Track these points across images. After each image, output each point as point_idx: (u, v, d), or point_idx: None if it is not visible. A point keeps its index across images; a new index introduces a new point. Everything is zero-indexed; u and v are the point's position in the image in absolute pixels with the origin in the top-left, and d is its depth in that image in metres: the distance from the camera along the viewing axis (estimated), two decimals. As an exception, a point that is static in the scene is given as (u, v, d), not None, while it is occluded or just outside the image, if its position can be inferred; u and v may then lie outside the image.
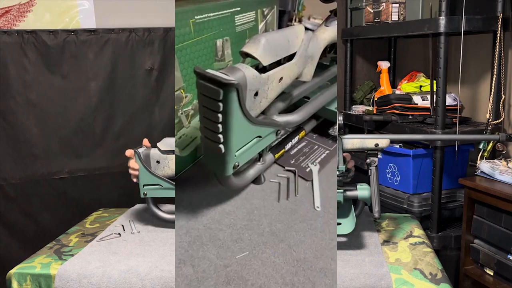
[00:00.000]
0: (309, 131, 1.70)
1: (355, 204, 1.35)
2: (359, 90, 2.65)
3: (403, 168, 2.08)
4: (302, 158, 1.60)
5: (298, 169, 1.53)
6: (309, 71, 1.38)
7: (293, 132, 1.63)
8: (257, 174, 1.42)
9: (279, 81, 1.23)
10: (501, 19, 1.86)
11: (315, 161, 1.57)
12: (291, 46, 1.25)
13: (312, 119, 1.68)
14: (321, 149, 1.66)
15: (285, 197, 1.40)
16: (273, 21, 1.61)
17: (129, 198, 1.74)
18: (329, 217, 1.31)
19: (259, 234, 1.25)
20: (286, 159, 1.59)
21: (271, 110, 1.35)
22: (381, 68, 2.44)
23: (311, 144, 1.69)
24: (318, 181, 1.46)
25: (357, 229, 1.33)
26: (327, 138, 1.73)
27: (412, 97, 2.12)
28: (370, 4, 2.29)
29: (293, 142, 1.60)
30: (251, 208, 1.35)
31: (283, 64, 1.26)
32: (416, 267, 1.19)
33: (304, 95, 1.57)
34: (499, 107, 1.91)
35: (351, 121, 2.45)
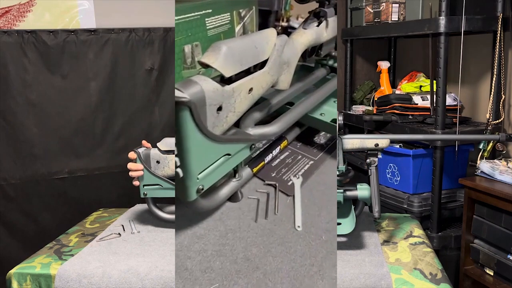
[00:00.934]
0: (292, 140, 1.63)
1: (355, 204, 1.35)
2: (359, 90, 2.65)
3: (403, 168, 2.08)
4: (284, 170, 1.51)
5: (279, 182, 1.44)
6: (286, 78, 1.29)
7: (274, 143, 1.55)
8: (232, 192, 1.32)
9: (249, 92, 1.12)
10: (501, 19, 1.86)
11: (298, 173, 1.48)
12: (260, 53, 1.14)
13: (295, 127, 1.61)
14: (305, 160, 1.56)
15: (264, 216, 1.30)
16: (252, 23, 1.51)
17: (129, 198, 1.74)
18: (312, 237, 1.21)
19: (232, 261, 1.14)
20: (267, 171, 1.49)
21: (246, 122, 1.27)
22: (381, 68, 2.44)
23: (294, 154, 1.60)
24: (300, 196, 1.36)
25: (357, 229, 1.33)
26: (312, 147, 1.65)
27: (412, 97, 2.12)
28: (370, 4, 2.29)
29: (274, 153, 1.52)
30: (225, 230, 1.24)
31: (253, 73, 1.14)
32: (416, 267, 1.19)
33: (286, 101, 1.49)
34: (499, 107, 1.91)
35: (351, 121, 2.45)
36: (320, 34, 1.44)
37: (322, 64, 1.80)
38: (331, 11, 1.48)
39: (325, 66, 1.79)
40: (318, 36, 1.43)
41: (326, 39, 1.50)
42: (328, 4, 1.48)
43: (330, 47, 1.63)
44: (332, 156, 1.60)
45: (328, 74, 1.79)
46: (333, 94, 1.68)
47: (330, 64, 1.78)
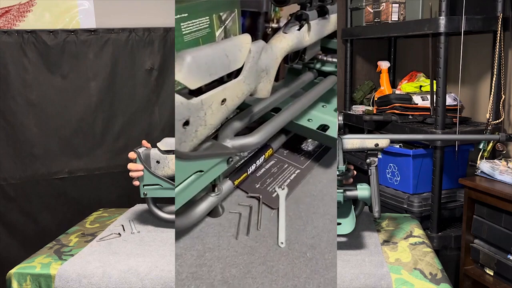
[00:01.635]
0: (278, 148, 1.57)
1: (355, 204, 1.35)
2: (359, 90, 2.65)
3: (403, 168, 2.08)
4: (269, 180, 1.44)
5: (264, 194, 1.37)
6: (265, 86, 1.20)
7: (258, 152, 1.48)
8: (211, 208, 1.26)
9: (222, 103, 1.05)
10: (501, 19, 1.86)
11: (283, 184, 1.42)
12: (231, 61, 1.06)
13: (281, 134, 1.55)
14: (291, 168, 1.50)
15: (245, 232, 1.23)
16: (234, 26, 1.40)
17: (129, 198, 1.74)
18: (295, 255, 1.14)
19: (209, 284, 1.06)
20: (251, 182, 1.42)
21: (224, 133, 1.21)
22: (381, 68, 2.44)
23: (280, 163, 1.53)
24: (285, 209, 1.30)
25: (357, 229, 1.33)
26: (299, 155, 1.59)
27: (412, 97, 2.12)
28: (370, 4, 2.29)
29: (258, 163, 1.45)
30: (203, 249, 1.16)
31: (227, 82, 1.07)
32: (416, 267, 1.19)
33: (270, 108, 1.44)
34: (499, 107, 1.91)
35: (351, 121, 2.45)
36: (302, 38, 1.37)
37: (309, 67, 1.75)
38: (313, 14, 1.43)
39: (312, 70, 1.75)
40: (300, 40, 1.36)
41: (309, 43, 1.43)
42: (310, 6, 1.42)
43: (315, 50, 1.58)
44: (320, 164, 1.54)
45: (316, 78, 1.75)
46: (322, 98, 1.64)
47: (318, 68, 1.74)
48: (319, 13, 1.47)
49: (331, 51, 1.73)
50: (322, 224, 1.26)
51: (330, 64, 1.72)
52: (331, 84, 1.67)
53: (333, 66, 1.72)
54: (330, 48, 1.73)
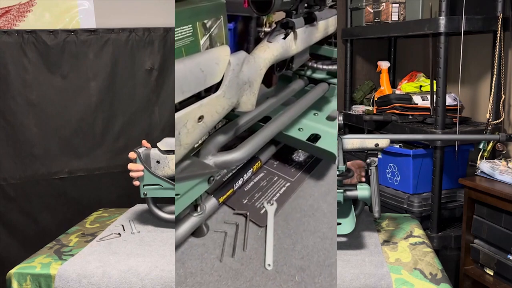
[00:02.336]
0: (267, 160, 1.52)
1: (355, 204, 1.35)
2: (359, 90, 2.65)
3: (403, 168, 2.08)
4: (258, 195, 1.38)
5: (251, 211, 1.30)
6: (249, 99, 1.14)
7: (246, 165, 1.41)
8: (194, 228, 1.20)
9: (199, 120, 0.99)
10: (501, 19, 1.86)
11: (272, 199, 1.35)
12: (208, 76, 0.99)
13: (270, 145, 1.50)
14: (281, 181, 1.44)
15: (231, 253, 1.16)
16: (221, 33, 1.34)
17: (129, 198, 1.74)
18: (283, 278, 1.07)
19: None
20: (238, 197, 1.36)
21: (207, 149, 1.15)
22: (381, 68, 2.44)
23: (270, 175, 1.47)
24: (273, 227, 1.24)
25: (357, 229, 1.33)
26: (289, 166, 1.53)
27: (412, 97, 2.12)
28: (370, 4, 2.29)
29: (245, 177, 1.40)
30: (184, 274, 1.10)
31: (204, 97, 1.01)
32: (416, 267, 1.19)
33: (257, 120, 1.38)
34: (499, 107, 1.91)
35: (351, 121, 2.46)
36: (288, 47, 1.30)
37: (300, 75, 1.70)
38: (300, 21, 1.36)
39: (303, 77, 1.70)
40: (286, 49, 1.29)
41: (296, 51, 1.37)
42: (296, 14, 1.35)
43: (303, 59, 1.51)
44: (311, 176, 1.49)
45: (307, 85, 1.71)
46: (313, 106, 1.59)
47: (309, 75, 1.70)
48: (307, 20, 1.42)
49: (321, 58, 1.69)
50: (312, 243, 1.20)
51: (321, 71, 1.67)
52: (322, 91, 1.63)
53: (324, 73, 1.68)
54: (321, 55, 1.69)
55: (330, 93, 1.67)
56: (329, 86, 1.66)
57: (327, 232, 1.24)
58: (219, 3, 1.25)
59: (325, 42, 1.66)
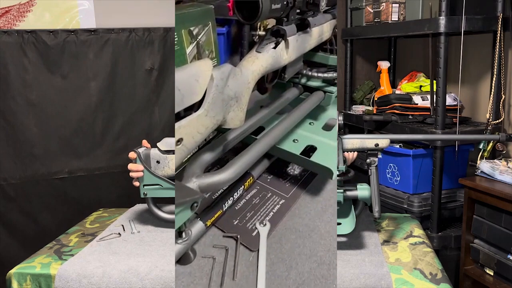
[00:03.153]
0: (260, 174, 1.44)
1: (355, 204, 1.35)
2: (359, 90, 2.65)
3: (403, 168, 2.08)
4: (250, 214, 1.28)
5: (242, 233, 1.21)
6: (236, 115, 1.06)
7: (237, 182, 1.31)
8: (179, 256, 1.12)
9: (177, 144, 0.92)
10: (501, 19, 1.86)
11: (265, 219, 1.25)
12: (186, 95, 0.90)
13: (263, 159, 1.41)
14: (275, 198, 1.34)
15: (219, 283, 1.07)
16: (209, 40, 1.25)
17: (129, 198, 1.74)
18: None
19: None
20: (229, 218, 1.26)
21: (191, 169, 1.06)
22: (381, 68, 2.44)
23: (263, 191, 1.37)
24: (266, 251, 1.14)
25: (357, 229, 1.33)
26: (284, 180, 1.44)
27: (412, 97, 2.12)
28: (370, 4, 2.29)
29: (235, 196, 1.31)
30: None
31: (184, 117, 0.93)
32: (416, 267, 1.19)
33: (247, 134, 1.31)
34: (499, 107, 1.91)
35: (351, 121, 2.46)
36: (279, 57, 1.22)
37: (294, 82, 1.62)
38: (291, 28, 1.28)
39: (297, 85, 1.61)
40: (276, 59, 1.20)
41: (288, 61, 1.29)
42: (287, 21, 1.26)
43: (296, 67, 1.44)
44: (307, 191, 1.40)
45: (301, 93, 1.63)
46: (309, 115, 1.53)
47: (303, 83, 1.62)
48: (299, 27, 1.34)
49: (317, 65, 1.62)
50: (308, 269, 1.11)
51: (317, 79, 1.59)
52: (318, 100, 1.56)
53: (320, 81, 1.60)
54: (316, 62, 1.63)
55: (326, 101, 1.59)
56: (325, 94, 1.59)
57: (324, 256, 1.14)
58: (206, 9, 1.17)
59: (320, 49, 1.60)
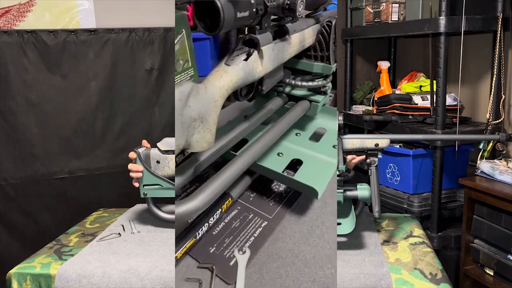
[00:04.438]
0: (242, 193, 1.32)
1: (355, 204, 1.35)
2: (359, 90, 2.65)
3: (403, 168, 2.08)
4: (228, 240, 1.16)
5: (219, 262, 1.10)
6: (203, 137, 0.95)
7: (213, 207, 1.20)
8: None
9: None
10: (501, 19, 1.86)
11: (245, 245, 1.14)
12: None
13: (245, 176, 1.30)
14: (257, 220, 1.23)
15: None
16: (184, 49, 1.14)
17: (129, 198, 1.74)
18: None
19: None
20: (205, 245, 1.15)
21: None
22: (381, 68, 2.44)
23: (245, 212, 1.25)
24: (245, 283, 1.04)
25: (357, 229, 1.33)
26: (268, 198, 1.32)
27: (412, 97, 2.12)
28: (370, 4, 2.29)
29: (212, 221, 1.19)
30: None
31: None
32: (416, 267, 1.19)
33: (225, 150, 1.21)
34: (499, 107, 1.91)
35: (351, 121, 2.45)
36: (252, 69, 1.09)
37: (278, 91, 1.52)
38: (266, 37, 1.16)
39: (281, 95, 1.51)
40: (249, 72, 1.07)
41: (264, 72, 1.17)
42: (261, 29, 1.14)
43: (276, 78, 1.32)
44: (292, 211, 1.29)
45: (286, 103, 1.53)
46: (296, 124, 1.44)
47: (288, 92, 1.52)
48: (278, 33, 1.24)
49: (302, 73, 1.52)
50: None
51: (301, 88, 1.50)
52: (303, 111, 1.46)
53: (305, 89, 1.51)
54: (300, 70, 1.52)
55: (312, 111, 1.50)
56: (310, 104, 1.50)
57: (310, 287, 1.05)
58: (178, 16, 1.09)
59: (303, 55, 1.50)
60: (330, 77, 1.50)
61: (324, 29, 1.45)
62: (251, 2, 1.03)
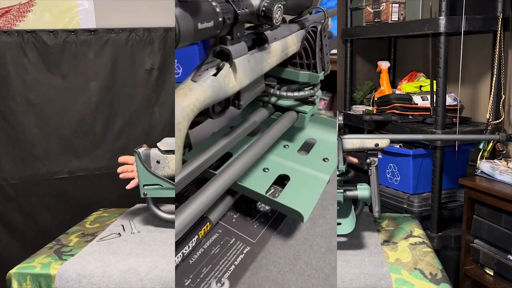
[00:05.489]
0: (224, 214, 1.21)
1: (355, 204, 1.35)
2: (359, 90, 2.65)
3: (403, 168, 2.08)
4: (206, 270, 1.05)
5: None
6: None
7: (190, 233, 1.09)
8: None
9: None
10: (501, 19, 1.86)
11: (225, 275, 1.03)
12: None
13: (226, 196, 1.21)
14: (239, 245, 1.12)
15: None
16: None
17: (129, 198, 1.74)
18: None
19: None
20: (180, 275, 1.05)
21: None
22: (381, 68, 2.44)
23: (226, 236, 1.14)
24: None
25: (357, 229, 1.33)
26: (252, 219, 1.21)
27: (412, 97, 2.12)
28: (370, 4, 2.29)
29: (188, 248, 1.08)
30: None
31: None
32: (416, 267, 1.19)
33: (202, 170, 1.06)
34: (499, 107, 1.91)
35: (351, 121, 2.46)
36: (222, 85, 0.97)
37: (263, 101, 1.39)
38: (240, 48, 1.04)
39: (266, 105, 1.39)
40: (219, 89, 0.96)
41: (239, 87, 1.04)
42: (232, 39, 1.02)
43: (256, 91, 1.20)
44: (278, 234, 1.18)
45: (272, 114, 1.40)
46: (284, 136, 1.33)
47: (273, 102, 1.39)
48: (256, 42, 1.14)
49: (287, 82, 1.38)
50: None
51: (286, 99, 1.37)
52: (289, 123, 1.34)
53: (292, 100, 1.39)
54: (285, 79, 1.38)
55: (299, 123, 1.39)
56: (298, 115, 1.38)
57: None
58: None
59: (288, 64, 1.37)
60: (318, 86, 1.39)
61: (309, 35, 1.32)
62: (216, 10, 0.92)
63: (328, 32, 1.41)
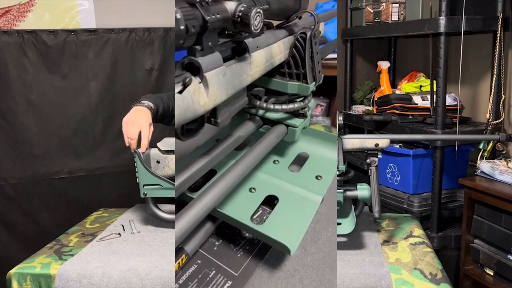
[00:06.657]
0: (200, 246, 1.09)
1: (355, 204, 1.35)
2: (359, 90, 2.65)
3: (403, 168, 2.08)
4: None
5: None
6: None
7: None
8: None
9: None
10: (501, 19, 1.86)
11: None
12: None
13: (206, 222, 1.10)
14: (219, 279, 0.99)
15: None
16: None
17: (129, 198, 1.74)
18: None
19: None
20: None
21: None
22: (381, 68, 2.44)
23: (205, 268, 1.01)
24: None
25: (357, 229, 1.33)
26: (236, 247, 1.09)
27: (412, 97, 2.12)
28: (370, 4, 2.29)
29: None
30: None
31: None
32: (416, 267, 1.19)
33: (180, 193, 0.98)
34: (499, 107, 1.91)
35: (351, 121, 2.46)
36: (190, 104, 0.85)
37: (250, 114, 1.28)
38: (213, 59, 0.91)
39: (253, 118, 1.28)
40: (185, 108, 0.84)
41: (213, 105, 0.91)
42: (202, 50, 0.89)
43: (237, 106, 1.07)
44: (264, 263, 1.06)
45: (260, 127, 1.29)
46: (274, 150, 1.23)
47: (261, 115, 1.28)
48: (235, 52, 1.02)
49: (276, 92, 1.27)
50: None
51: (274, 111, 1.24)
52: (277, 138, 1.23)
53: (281, 113, 1.27)
54: (274, 90, 1.26)
55: (289, 137, 1.27)
56: (287, 129, 1.27)
57: None
58: None
59: (276, 73, 1.25)
60: (310, 98, 1.27)
61: (298, 42, 1.20)
62: (177, 17, 0.79)
63: (321, 37, 1.29)
